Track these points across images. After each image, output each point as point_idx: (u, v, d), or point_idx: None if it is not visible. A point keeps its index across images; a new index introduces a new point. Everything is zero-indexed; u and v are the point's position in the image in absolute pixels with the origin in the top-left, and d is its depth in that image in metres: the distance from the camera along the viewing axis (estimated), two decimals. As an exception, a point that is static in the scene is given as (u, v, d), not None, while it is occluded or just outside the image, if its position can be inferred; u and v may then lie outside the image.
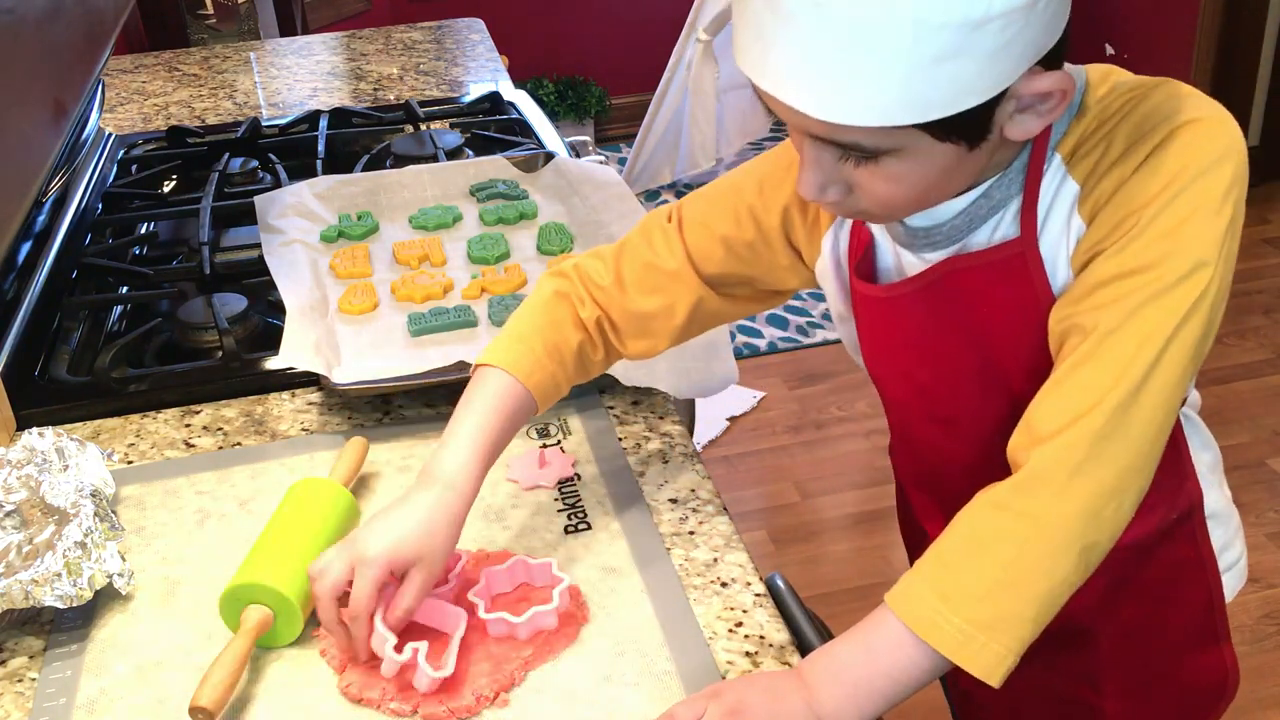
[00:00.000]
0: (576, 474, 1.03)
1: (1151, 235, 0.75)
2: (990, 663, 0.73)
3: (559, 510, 0.99)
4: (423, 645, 0.81)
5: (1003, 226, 0.81)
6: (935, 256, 0.84)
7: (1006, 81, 0.69)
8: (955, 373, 0.88)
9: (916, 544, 1.09)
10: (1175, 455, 0.91)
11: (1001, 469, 0.79)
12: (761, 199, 0.94)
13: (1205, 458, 0.96)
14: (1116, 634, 0.97)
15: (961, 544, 0.76)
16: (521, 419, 0.91)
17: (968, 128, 0.72)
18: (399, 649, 0.80)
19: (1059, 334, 0.78)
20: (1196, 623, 0.98)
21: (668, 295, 0.94)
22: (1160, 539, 0.93)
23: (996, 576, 0.74)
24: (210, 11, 2.93)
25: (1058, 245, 0.80)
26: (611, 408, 1.12)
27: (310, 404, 1.16)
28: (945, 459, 0.96)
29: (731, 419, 2.72)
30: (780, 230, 0.93)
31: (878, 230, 0.88)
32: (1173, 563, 0.95)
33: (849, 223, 0.89)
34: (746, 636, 0.86)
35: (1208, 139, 0.77)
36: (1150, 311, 0.74)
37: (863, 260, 0.88)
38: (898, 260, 0.87)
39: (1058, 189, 0.79)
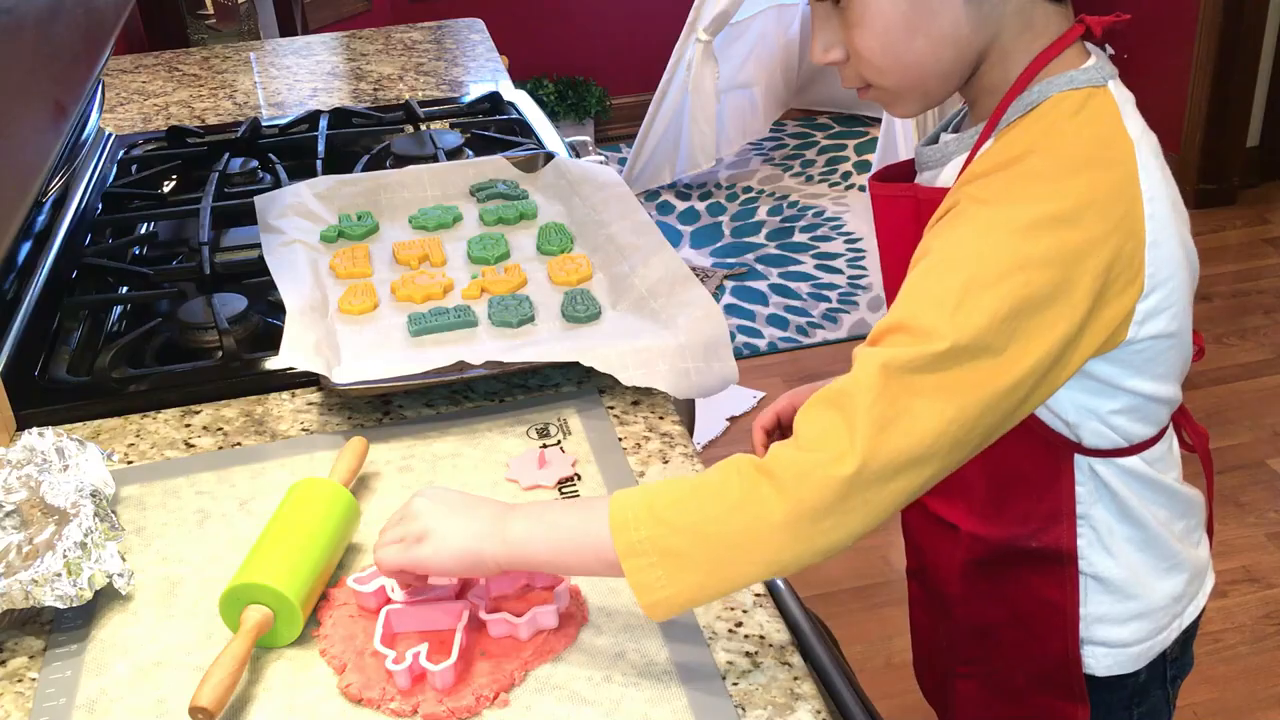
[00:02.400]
0: (576, 474, 1.03)
1: (919, 288, 0.78)
2: (648, 584, 0.76)
3: (556, 486, 0.99)
4: (423, 647, 0.81)
5: (942, 177, 0.89)
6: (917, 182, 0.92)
7: None
8: (891, 291, 0.92)
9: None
10: (1053, 493, 0.91)
11: None
12: None
13: (1126, 530, 0.93)
14: (972, 617, 1.01)
15: (700, 487, 0.77)
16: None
17: None
18: (399, 660, 0.80)
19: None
20: (1051, 665, 0.98)
21: None
22: (1030, 557, 0.94)
23: (701, 528, 0.76)
24: (210, 11, 2.93)
25: None
26: (611, 408, 1.12)
27: (310, 404, 1.16)
28: None
29: (731, 419, 2.72)
30: None
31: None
32: (1038, 594, 0.95)
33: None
34: (746, 636, 0.86)
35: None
36: (893, 364, 0.75)
37: (890, 167, 0.97)
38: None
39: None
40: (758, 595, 0.90)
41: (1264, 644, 2.05)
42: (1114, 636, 0.96)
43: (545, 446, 1.06)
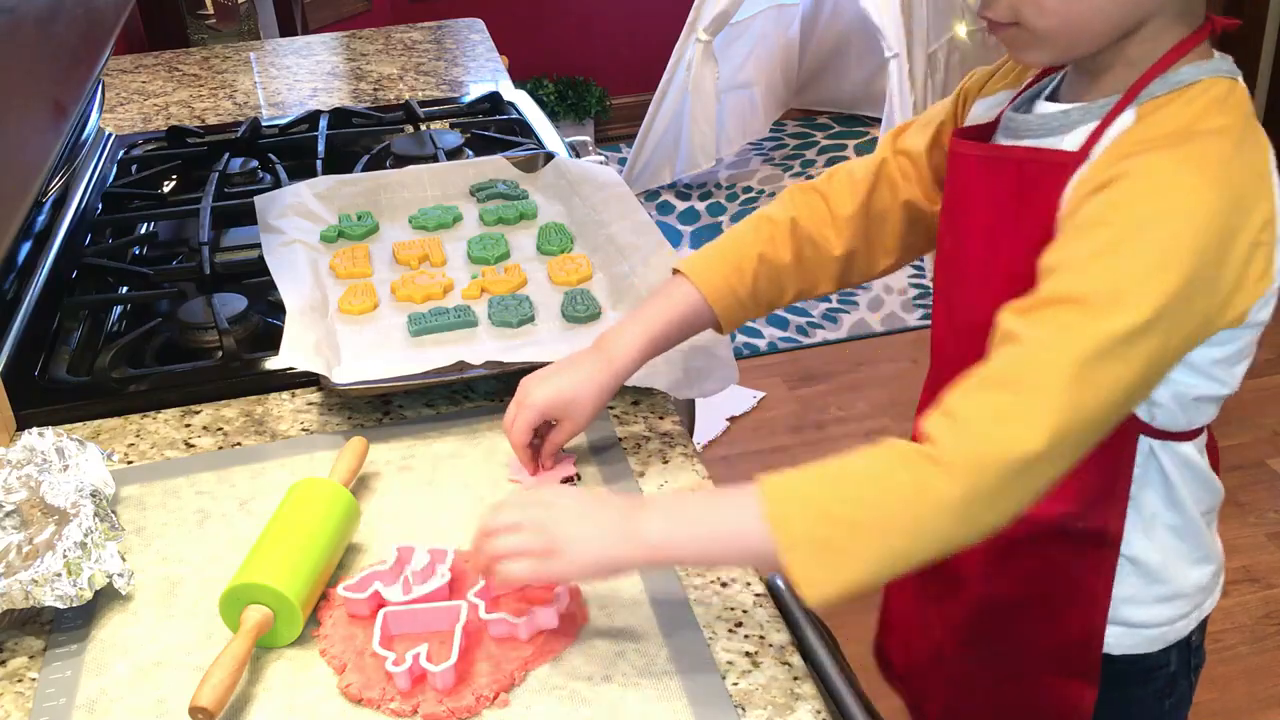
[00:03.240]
0: (577, 474, 1.03)
1: (1102, 262, 0.77)
2: (813, 579, 0.75)
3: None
4: (422, 648, 0.81)
5: (1069, 145, 0.86)
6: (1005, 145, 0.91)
7: None
8: (964, 257, 0.93)
9: None
10: (1112, 472, 0.91)
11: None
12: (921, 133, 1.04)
13: (1169, 516, 0.94)
14: (988, 597, 1.00)
15: (858, 475, 0.77)
16: (697, 321, 1.00)
17: None
18: (399, 661, 0.80)
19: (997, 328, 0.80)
20: (1069, 645, 0.98)
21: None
22: (1072, 538, 0.94)
23: (867, 518, 0.75)
24: (210, 11, 2.92)
25: None
26: (611, 408, 1.12)
27: (310, 404, 1.16)
28: (939, 345, 1.01)
29: (731, 419, 2.72)
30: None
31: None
32: (1070, 574, 0.95)
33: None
34: (746, 636, 0.86)
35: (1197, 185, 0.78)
36: (1079, 344, 0.75)
37: (969, 129, 0.96)
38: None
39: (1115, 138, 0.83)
40: (758, 595, 0.90)
41: (1264, 644, 2.05)
42: (1136, 617, 0.96)
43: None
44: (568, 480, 1.02)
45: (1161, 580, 0.95)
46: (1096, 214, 0.78)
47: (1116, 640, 0.97)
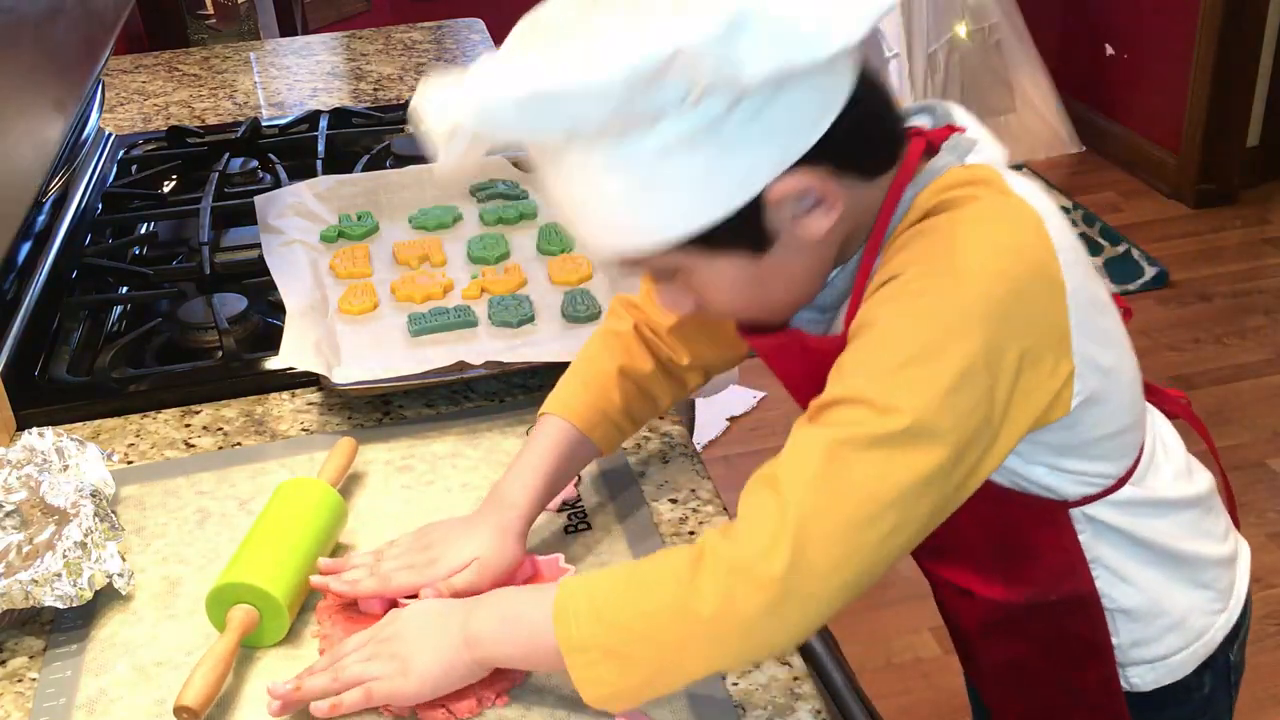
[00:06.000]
0: (579, 495, 1.02)
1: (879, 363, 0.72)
2: (589, 680, 0.74)
3: (559, 510, 0.99)
4: None
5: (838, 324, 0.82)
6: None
7: (733, 200, 0.71)
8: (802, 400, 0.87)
9: None
10: (1060, 549, 0.89)
11: None
12: None
13: (1139, 557, 0.91)
14: (1001, 658, 0.99)
15: (645, 578, 0.75)
16: (581, 451, 0.95)
17: (732, 239, 0.74)
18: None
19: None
20: (1091, 690, 0.96)
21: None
22: (1054, 605, 0.92)
23: (644, 631, 0.73)
24: (210, 11, 2.93)
25: None
26: (611, 408, 1.12)
27: (310, 404, 1.16)
28: None
29: (731, 419, 2.72)
30: None
31: None
32: (1069, 633, 0.94)
33: None
34: (746, 636, 0.86)
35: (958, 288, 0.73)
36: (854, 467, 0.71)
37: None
38: None
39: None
40: (758, 595, 0.89)
41: (1264, 644, 2.04)
42: (1151, 654, 0.94)
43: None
44: (572, 503, 1.01)
45: (1157, 614, 0.93)
46: (866, 314, 0.75)
47: (1141, 678, 0.95)
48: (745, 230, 0.74)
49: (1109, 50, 3.65)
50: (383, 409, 1.14)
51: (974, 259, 0.73)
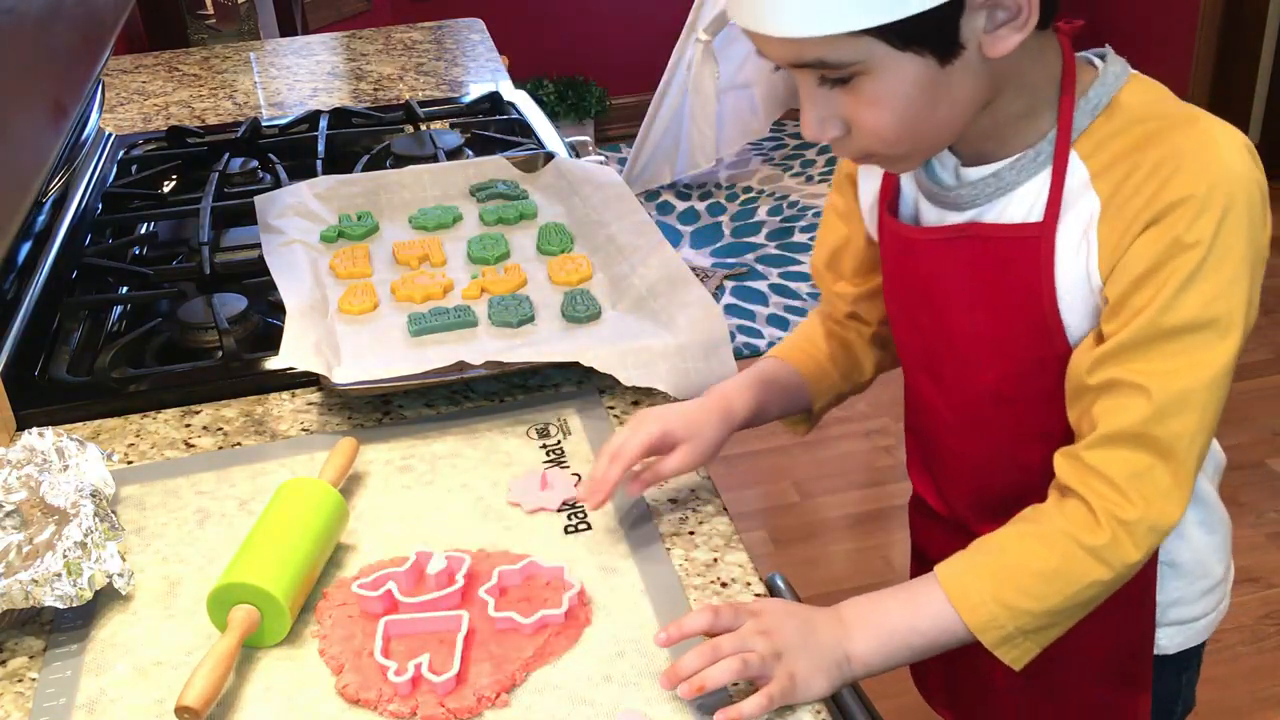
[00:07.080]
0: (577, 475, 1.03)
1: (1188, 299, 0.79)
2: (1019, 657, 0.84)
3: (559, 510, 0.99)
4: (424, 658, 0.81)
5: (1026, 208, 0.85)
6: (955, 218, 0.89)
7: None
8: (949, 332, 0.93)
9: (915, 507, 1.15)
10: None
11: (976, 437, 0.93)
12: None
13: (1195, 513, 0.97)
14: None
15: (1049, 565, 0.83)
16: (790, 387, 1.06)
17: (928, 36, 0.76)
18: (400, 671, 0.80)
19: (1103, 382, 0.82)
20: (1121, 655, 0.99)
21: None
22: None
23: (1046, 591, 0.82)
24: (210, 11, 2.93)
25: (1073, 252, 0.83)
26: (611, 408, 1.12)
27: (310, 404, 1.16)
28: (929, 411, 1.01)
29: (731, 419, 2.72)
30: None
31: (905, 181, 0.94)
32: (1118, 592, 0.95)
33: (878, 171, 0.96)
34: (746, 636, 0.86)
35: (1218, 199, 0.79)
36: (1192, 374, 0.80)
37: (892, 201, 0.96)
38: (915, 211, 0.93)
39: (1079, 195, 0.83)
40: (758, 595, 0.89)
41: (1264, 644, 2.05)
42: (1186, 614, 0.99)
43: (547, 465, 1.05)
44: (571, 503, 1.01)
45: (1200, 575, 0.98)
46: (1161, 297, 0.80)
47: (1169, 640, 0.99)
48: (942, 30, 0.76)
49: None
50: (383, 409, 1.14)
51: (1237, 166, 0.79)
